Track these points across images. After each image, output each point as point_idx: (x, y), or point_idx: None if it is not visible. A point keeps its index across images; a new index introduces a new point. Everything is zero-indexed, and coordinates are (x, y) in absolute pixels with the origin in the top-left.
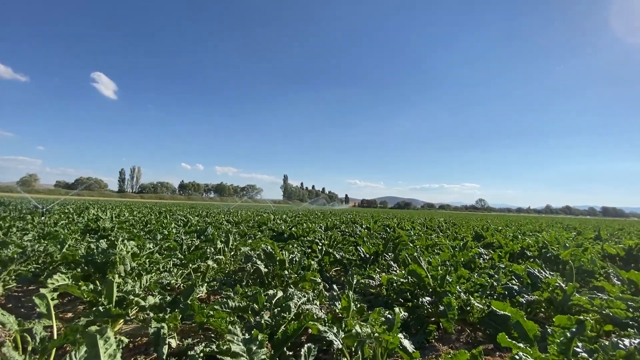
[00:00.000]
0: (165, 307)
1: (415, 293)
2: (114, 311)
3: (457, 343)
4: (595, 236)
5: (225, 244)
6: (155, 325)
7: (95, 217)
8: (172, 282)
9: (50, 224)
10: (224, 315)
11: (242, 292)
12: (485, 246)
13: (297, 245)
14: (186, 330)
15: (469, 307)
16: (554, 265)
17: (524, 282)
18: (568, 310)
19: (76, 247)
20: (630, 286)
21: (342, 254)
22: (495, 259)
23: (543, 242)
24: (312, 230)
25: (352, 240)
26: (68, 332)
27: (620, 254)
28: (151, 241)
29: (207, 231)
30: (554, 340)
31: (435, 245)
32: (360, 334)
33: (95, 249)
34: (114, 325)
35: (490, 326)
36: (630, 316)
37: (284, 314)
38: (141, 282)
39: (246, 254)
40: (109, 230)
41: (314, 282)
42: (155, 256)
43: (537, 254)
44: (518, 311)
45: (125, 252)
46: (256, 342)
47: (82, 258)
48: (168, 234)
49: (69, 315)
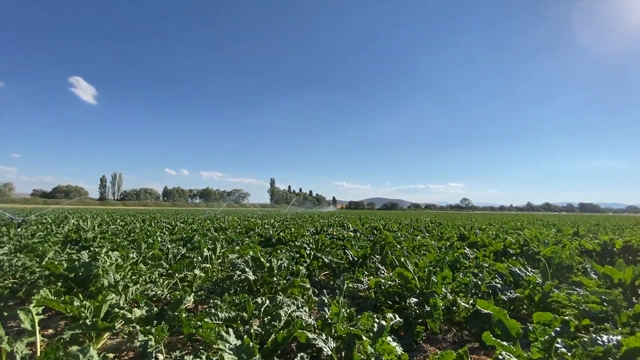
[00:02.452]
0: (152, 319)
1: (403, 295)
2: (100, 324)
3: (444, 343)
4: (574, 232)
5: (213, 252)
6: (142, 339)
7: (76, 227)
8: (158, 293)
9: (27, 236)
10: (213, 326)
11: (230, 301)
12: (470, 245)
13: (286, 250)
14: (174, 342)
15: (455, 307)
16: (535, 263)
17: (506, 281)
18: (548, 306)
19: (56, 259)
20: (606, 280)
21: (330, 257)
22: (480, 258)
23: (524, 240)
24: (300, 235)
25: (341, 244)
26: (49, 351)
27: (596, 249)
28: (135, 251)
29: (193, 239)
30: (535, 337)
31: (421, 246)
32: (350, 339)
33: (77, 261)
34: (99, 340)
35: (476, 325)
36: (605, 310)
37: (274, 322)
38: (127, 294)
39: (233, 261)
40: (91, 240)
41: (303, 288)
42: (140, 266)
43: (519, 252)
44: (501, 310)
45: (108, 264)
46: (248, 351)
47: (64, 271)
48: (153, 242)
49: (50, 332)
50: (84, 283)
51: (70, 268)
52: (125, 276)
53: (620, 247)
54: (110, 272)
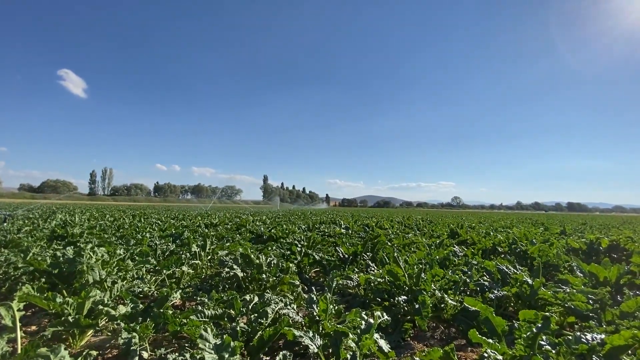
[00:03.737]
0: (137, 316)
1: (392, 292)
2: (83, 322)
3: (431, 340)
4: (561, 231)
5: (202, 248)
6: (125, 336)
7: (63, 223)
8: (145, 289)
9: (13, 231)
10: (199, 324)
11: (217, 298)
12: (460, 243)
13: (277, 247)
14: (159, 340)
15: (443, 304)
16: (523, 261)
17: (494, 278)
18: (535, 304)
19: (41, 255)
20: (592, 278)
21: (321, 254)
22: (469, 256)
23: (513, 238)
24: (292, 232)
25: (332, 241)
26: (29, 348)
27: (582, 248)
28: (123, 247)
29: (183, 235)
30: (520, 334)
31: (412, 243)
32: (337, 336)
33: (62, 257)
34: (83, 337)
35: (463, 322)
36: (590, 308)
37: (261, 319)
38: (112, 291)
39: (221, 258)
40: (78, 236)
41: (293, 285)
42: (127, 263)
43: (507, 250)
44: (487, 307)
45: (94, 260)
46: (228, 349)
47: (48, 267)
48: (142, 238)
49: (33, 329)
50: (67, 279)
51: (54, 264)
52: (111, 272)
53: (607, 246)
54: (96, 268)
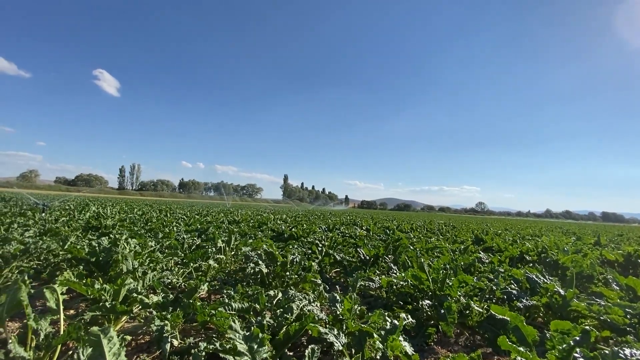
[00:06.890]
0: (168, 305)
1: (415, 296)
2: (119, 308)
3: (455, 346)
4: (595, 242)
5: (227, 244)
6: (158, 323)
7: (97, 214)
8: (173, 280)
9: (51, 221)
10: (227, 315)
11: (242, 292)
12: (485, 250)
13: (298, 245)
14: (187, 329)
15: (468, 311)
16: (553, 270)
17: (522, 287)
18: (566, 315)
19: (78, 244)
20: (629, 292)
21: (342, 255)
22: (495, 263)
23: (542, 247)
24: (312, 231)
25: (352, 242)
26: (71, 330)
27: (619, 260)
28: (152, 239)
29: (208, 230)
30: (553, 345)
31: (435, 248)
32: (361, 335)
33: (98, 246)
34: (117, 323)
35: (489, 330)
36: (628, 322)
37: (286, 315)
38: (144, 280)
39: (247, 254)
40: (110, 227)
41: (315, 284)
42: (157, 254)
43: (536, 259)
44: (518, 315)
45: (127, 251)
46: (257, 340)
47: (86, 255)
48: (169, 232)
49: (72, 312)
50: (104, 267)
51: (92, 252)
52: (143, 263)
53: None
54: (129, 258)
